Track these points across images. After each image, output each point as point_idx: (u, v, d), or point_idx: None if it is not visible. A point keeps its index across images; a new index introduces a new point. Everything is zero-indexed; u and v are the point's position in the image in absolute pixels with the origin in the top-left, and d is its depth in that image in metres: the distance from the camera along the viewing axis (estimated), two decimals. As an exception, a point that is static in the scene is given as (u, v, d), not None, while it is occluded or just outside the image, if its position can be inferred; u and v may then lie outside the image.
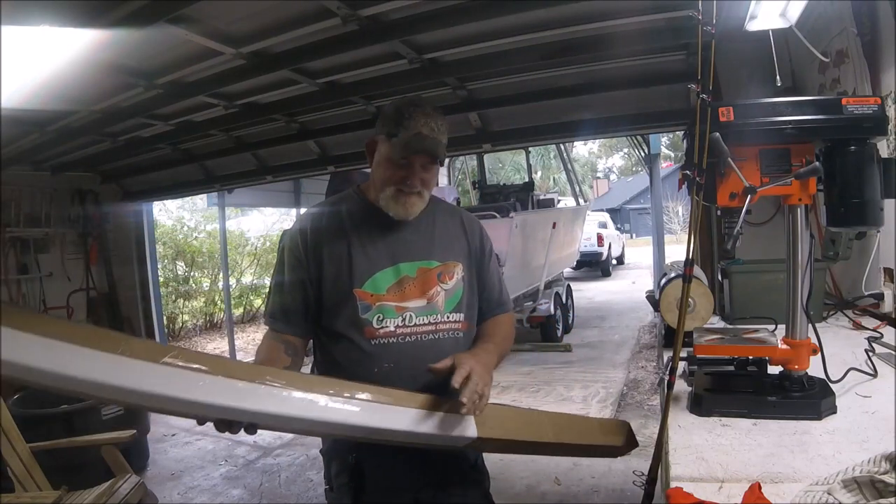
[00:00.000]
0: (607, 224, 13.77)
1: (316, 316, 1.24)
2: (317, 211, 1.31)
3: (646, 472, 1.16)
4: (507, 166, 20.12)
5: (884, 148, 1.68)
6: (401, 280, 1.22)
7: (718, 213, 1.19)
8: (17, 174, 4.30)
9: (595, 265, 13.11)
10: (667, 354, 1.54)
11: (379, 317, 1.19)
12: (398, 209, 1.22)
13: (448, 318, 1.24)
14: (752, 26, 1.93)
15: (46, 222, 4.66)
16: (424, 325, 1.21)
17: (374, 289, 1.20)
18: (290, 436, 4.26)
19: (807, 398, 1.14)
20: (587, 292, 10.44)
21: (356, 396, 1.01)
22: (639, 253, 16.50)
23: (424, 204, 1.25)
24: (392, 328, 1.19)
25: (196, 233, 9.34)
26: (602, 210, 16.82)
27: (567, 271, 9.24)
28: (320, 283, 1.22)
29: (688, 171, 1.09)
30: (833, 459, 0.94)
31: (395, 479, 1.25)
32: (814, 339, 1.18)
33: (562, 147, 9.58)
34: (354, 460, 1.24)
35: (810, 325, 1.18)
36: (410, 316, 1.21)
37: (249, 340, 8.16)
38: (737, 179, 1.10)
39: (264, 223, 10.98)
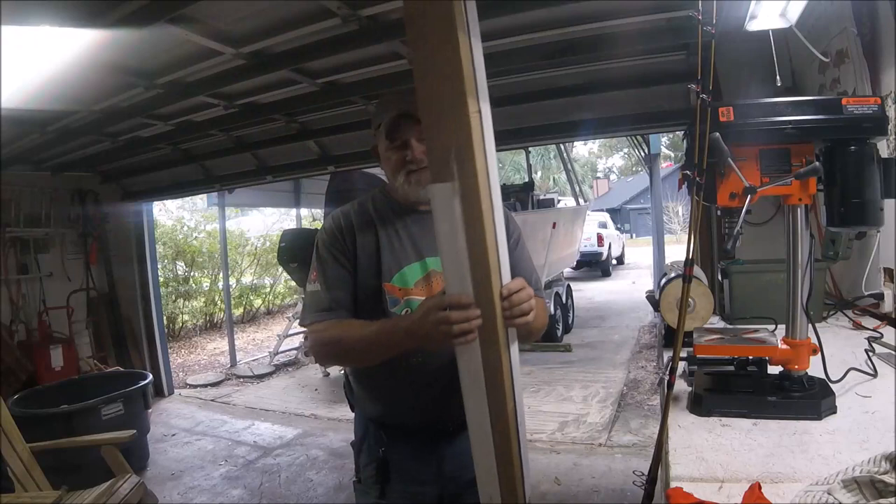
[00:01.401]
0: (607, 224, 13.77)
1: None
2: (346, 209, 1.31)
3: (646, 472, 1.16)
4: (507, 166, 20.12)
5: (884, 148, 1.68)
6: (428, 274, 1.23)
7: (718, 213, 1.19)
8: (17, 174, 4.29)
9: (595, 265, 13.11)
10: (667, 354, 1.54)
11: (407, 311, 1.19)
12: (417, 191, 1.22)
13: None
14: (752, 26, 1.93)
15: (46, 222, 4.65)
16: None
17: (402, 283, 1.21)
18: (290, 435, 4.27)
19: (807, 398, 1.14)
20: (587, 292, 10.44)
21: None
22: (639, 253, 16.50)
23: None
24: None
25: (196, 233, 9.34)
26: (602, 210, 16.83)
27: (567, 271, 9.24)
28: (356, 276, 1.23)
29: (688, 171, 1.09)
30: (833, 459, 0.94)
31: (420, 474, 1.26)
32: (814, 339, 1.18)
33: (562, 147, 9.57)
34: (383, 454, 1.26)
35: (810, 325, 1.18)
36: None
37: (249, 340, 8.16)
38: (737, 179, 1.10)
39: (264, 223, 11.00)
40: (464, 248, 0.96)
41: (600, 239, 12.73)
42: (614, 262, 14.53)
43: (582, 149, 28.05)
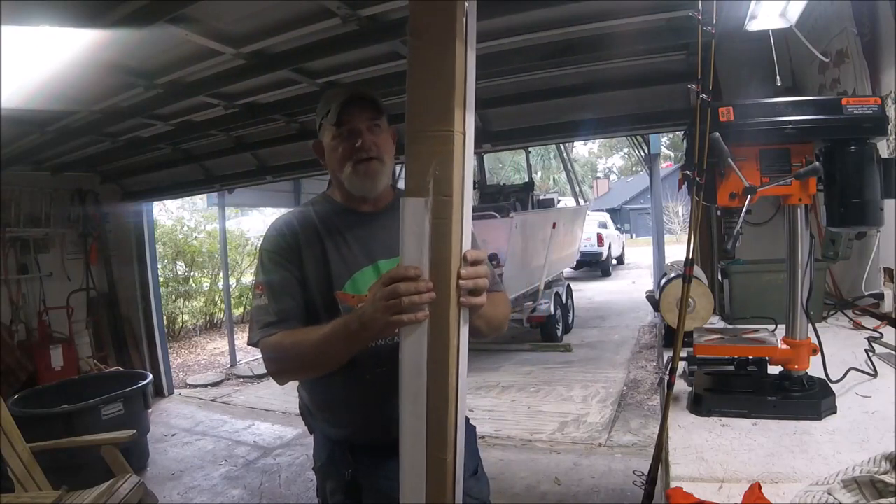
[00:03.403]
0: (607, 224, 13.77)
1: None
2: (287, 217, 1.25)
3: (646, 472, 1.16)
4: (507, 166, 20.13)
5: (884, 148, 1.68)
6: None
7: (718, 213, 1.19)
8: (17, 174, 4.30)
9: (595, 265, 13.11)
10: (667, 354, 1.54)
11: None
12: (364, 182, 1.18)
13: None
14: (752, 26, 1.93)
15: (46, 222, 4.66)
16: None
17: (354, 290, 1.16)
18: (290, 435, 4.27)
19: (807, 398, 1.14)
20: (587, 292, 10.44)
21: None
22: (639, 253, 16.50)
23: (388, 173, 1.21)
24: None
25: (196, 233, 9.34)
26: (602, 210, 16.82)
27: (567, 271, 9.23)
28: (305, 285, 1.17)
29: (688, 171, 1.09)
30: (833, 459, 0.94)
31: (393, 492, 1.17)
32: (814, 339, 1.18)
33: (562, 147, 9.56)
34: (351, 476, 1.21)
35: (810, 325, 1.18)
36: None
37: (249, 340, 8.16)
38: (737, 179, 1.10)
39: (264, 223, 10.95)
40: (426, 265, 0.95)
41: (600, 239, 12.72)
42: (614, 262, 14.52)
43: (582, 149, 28.06)
